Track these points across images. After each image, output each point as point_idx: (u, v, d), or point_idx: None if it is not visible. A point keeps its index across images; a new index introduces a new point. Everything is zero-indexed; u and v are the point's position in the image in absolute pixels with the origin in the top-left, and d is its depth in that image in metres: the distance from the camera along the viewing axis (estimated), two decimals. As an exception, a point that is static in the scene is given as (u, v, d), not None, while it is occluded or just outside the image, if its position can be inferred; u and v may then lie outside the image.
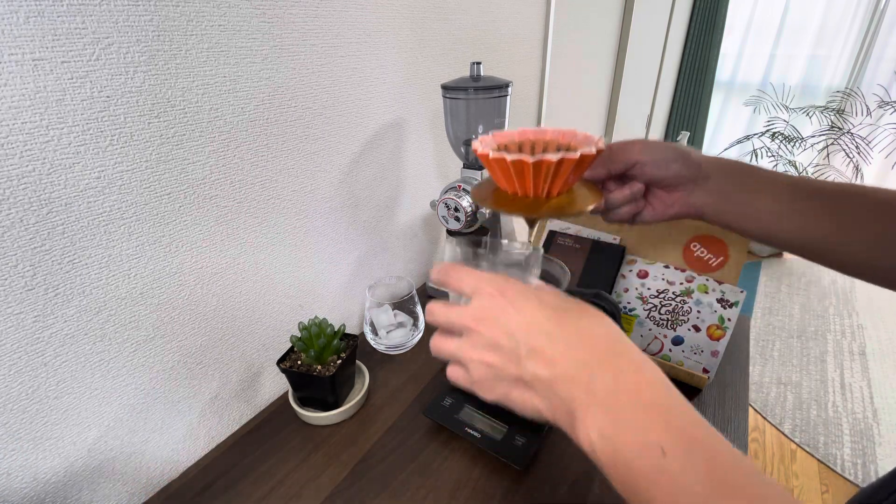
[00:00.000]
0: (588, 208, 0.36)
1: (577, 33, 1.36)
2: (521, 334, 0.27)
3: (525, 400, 0.28)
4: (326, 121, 0.62)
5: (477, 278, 0.30)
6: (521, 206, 0.35)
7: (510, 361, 0.28)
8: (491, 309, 0.29)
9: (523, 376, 0.27)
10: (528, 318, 0.28)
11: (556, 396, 0.27)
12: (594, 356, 0.26)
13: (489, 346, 0.28)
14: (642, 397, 0.25)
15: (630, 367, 0.27)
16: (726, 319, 0.61)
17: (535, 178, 0.33)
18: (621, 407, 0.25)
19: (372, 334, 0.69)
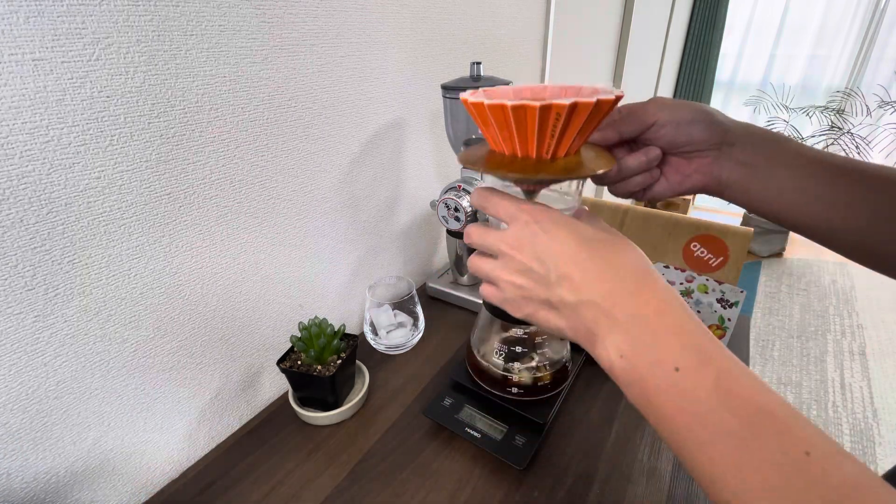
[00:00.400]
0: (600, 171, 0.31)
1: (577, 33, 1.36)
2: (552, 261, 0.28)
3: (549, 319, 0.30)
4: (326, 121, 0.62)
5: (515, 205, 0.30)
6: (521, 167, 0.30)
7: (540, 285, 0.29)
8: (525, 236, 0.29)
9: (551, 299, 0.29)
10: (561, 246, 0.28)
11: (579, 319, 0.28)
12: (620, 285, 0.27)
13: (521, 270, 0.30)
14: (662, 321, 0.26)
15: (653, 296, 0.27)
16: (726, 319, 0.61)
17: (541, 131, 0.28)
18: (640, 330, 0.26)
19: (372, 334, 0.69)
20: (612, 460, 0.54)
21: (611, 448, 0.56)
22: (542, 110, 0.26)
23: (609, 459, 0.54)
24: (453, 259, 0.83)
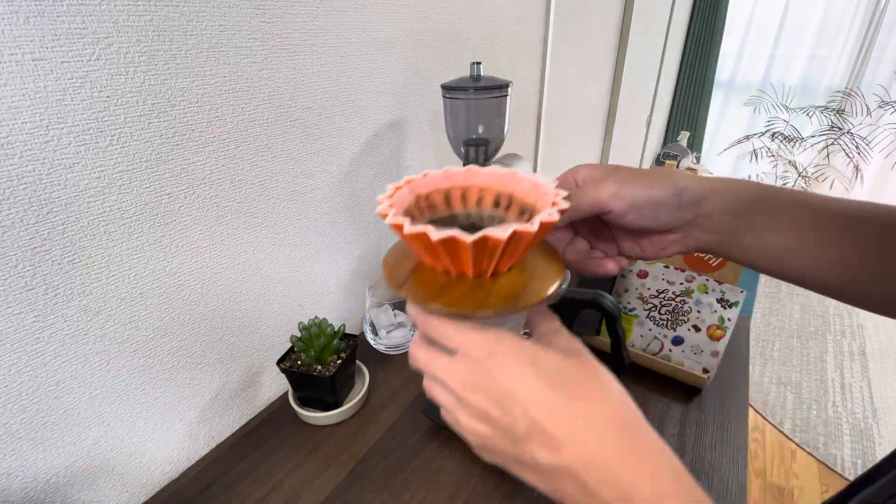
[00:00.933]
0: (548, 292, 0.27)
1: (577, 33, 1.36)
2: (516, 408, 0.23)
3: (524, 476, 0.25)
4: (326, 121, 0.62)
5: (461, 333, 0.25)
6: (457, 297, 0.26)
7: (505, 438, 0.24)
8: (479, 375, 0.24)
9: (522, 458, 0.24)
10: (523, 386, 0.23)
11: (560, 488, 0.23)
12: (602, 450, 0.23)
13: (480, 417, 0.25)
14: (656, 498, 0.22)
15: (645, 468, 0.23)
16: (726, 319, 0.61)
17: (476, 258, 0.26)
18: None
19: (372, 334, 0.69)
20: (612, 460, 0.54)
21: (611, 448, 0.56)
22: (476, 245, 0.24)
23: (609, 459, 0.54)
24: (453, 259, 0.83)
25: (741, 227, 0.33)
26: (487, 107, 0.69)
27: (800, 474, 1.45)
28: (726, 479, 0.52)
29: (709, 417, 0.60)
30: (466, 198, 0.36)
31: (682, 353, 0.64)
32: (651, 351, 0.66)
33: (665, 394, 0.63)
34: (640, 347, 0.67)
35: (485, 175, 0.33)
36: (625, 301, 0.68)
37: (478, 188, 0.36)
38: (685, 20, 2.96)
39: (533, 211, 0.31)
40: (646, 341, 0.66)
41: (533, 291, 0.26)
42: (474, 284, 0.27)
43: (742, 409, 0.61)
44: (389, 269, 0.31)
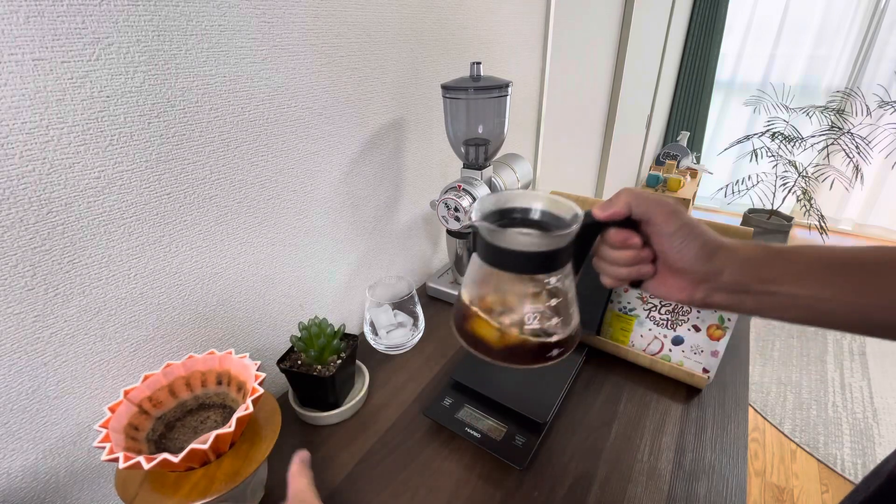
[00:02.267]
0: (265, 456, 0.41)
1: (577, 33, 1.36)
2: None
3: None
4: (326, 121, 0.62)
5: None
6: (186, 492, 0.36)
7: None
8: None
9: None
10: None
11: None
12: None
13: None
14: None
15: None
16: (726, 319, 0.61)
17: (191, 462, 0.36)
18: None
19: (372, 334, 0.69)
20: (612, 460, 0.54)
21: (611, 448, 0.56)
22: (187, 458, 0.35)
23: (609, 459, 0.54)
24: (453, 259, 0.83)
25: (752, 285, 0.34)
26: (487, 107, 0.69)
27: (800, 474, 1.45)
28: (726, 479, 0.52)
29: (709, 417, 0.60)
30: (190, 382, 0.47)
31: (682, 352, 0.64)
32: (651, 351, 0.66)
33: (665, 394, 0.63)
34: (640, 347, 0.67)
35: (201, 361, 0.44)
36: (625, 301, 0.68)
37: (200, 373, 0.46)
38: (685, 20, 2.96)
39: (245, 385, 0.46)
40: (646, 341, 0.66)
41: (252, 460, 0.38)
42: (203, 474, 0.37)
43: (742, 409, 0.61)
44: (122, 481, 0.40)
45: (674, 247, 0.35)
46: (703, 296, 0.36)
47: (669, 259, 0.36)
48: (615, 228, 0.36)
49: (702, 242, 0.34)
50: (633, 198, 0.35)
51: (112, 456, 0.33)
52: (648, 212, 0.34)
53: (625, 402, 0.62)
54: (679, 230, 0.34)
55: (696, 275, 0.35)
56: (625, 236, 0.36)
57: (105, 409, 0.41)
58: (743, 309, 0.36)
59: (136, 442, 0.42)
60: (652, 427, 0.58)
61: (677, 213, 0.34)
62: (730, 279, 0.34)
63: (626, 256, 0.37)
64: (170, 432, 0.46)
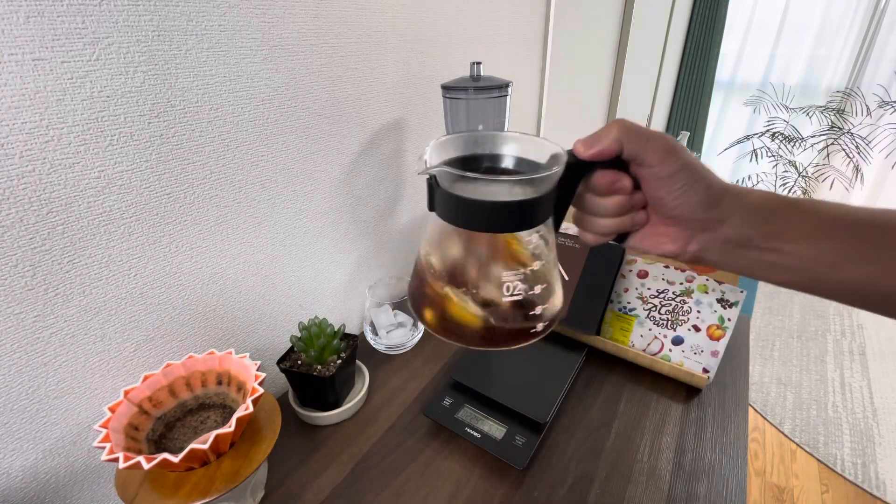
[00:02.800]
0: (265, 456, 0.40)
1: (577, 33, 1.36)
2: None
3: None
4: (326, 121, 0.62)
5: None
6: (187, 492, 0.36)
7: None
8: None
9: None
10: None
11: None
12: None
13: None
14: None
15: None
16: (726, 319, 0.61)
17: (191, 461, 0.35)
18: None
19: (372, 334, 0.69)
20: (612, 460, 0.54)
21: (611, 448, 0.56)
22: (187, 458, 0.34)
23: (609, 459, 0.54)
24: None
25: (756, 239, 0.30)
26: (487, 106, 0.69)
27: (800, 474, 1.45)
28: (726, 479, 0.52)
29: (709, 417, 0.60)
30: (190, 382, 0.46)
31: (682, 352, 0.64)
32: (651, 351, 0.66)
33: (665, 394, 0.63)
34: (640, 347, 0.67)
35: (201, 361, 0.43)
36: (625, 301, 0.68)
37: (200, 373, 0.46)
38: (685, 20, 2.95)
39: (245, 385, 0.45)
40: (646, 341, 0.66)
41: (252, 460, 0.37)
42: (203, 474, 0.36)
43: (742, 409, 0.61)
44: (120, 488, 0.40)
45: (672, 191, 0.30)
46: (698, 248, 0.31)
47: (665, 206, 0.31)
48: (602, 170, 0.30)
49: (706, 185, 0.29)
50: (624, 132, 0.29)
51: (112, 456, 0.33)
52: (642, 149, 0.29)
53: (625, 402, 0.62)
54: (680, 171, 0.29)
55: (694, 224, 0.31)
56: (612, 179, 0.30)
57: (105, 409, 0.41)
58: (734, 266, 0.31)
59: (136, 442, 0.42)
60: (652, 427, 0.58)
61: (676, 151, 0.29)
62: (732, 230, 0.30)
63: (615, 204, 0.31)
64: (170, 432, 0.46)
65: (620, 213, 0.32)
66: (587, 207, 0.33)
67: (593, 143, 0.29)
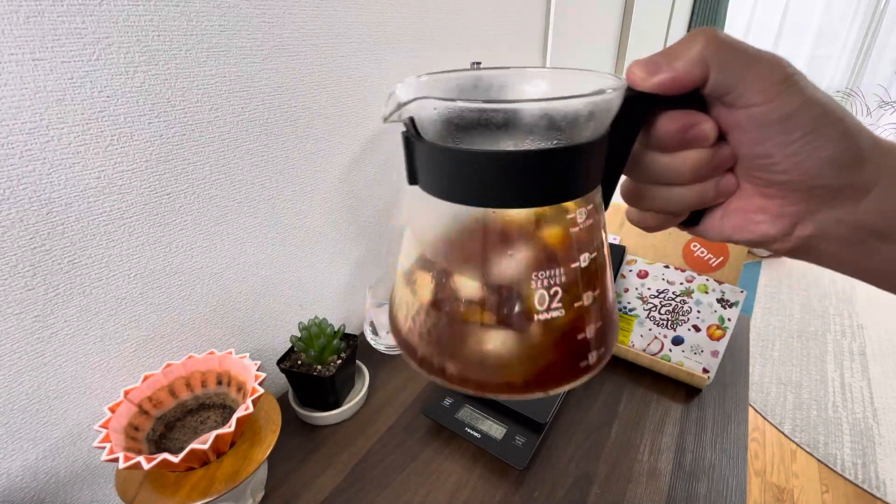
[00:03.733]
0: (265, 456, 0.39)
1: (577, 34, 1.36)
2: None
3: None
4: (326, 121, 0.62)
5: None
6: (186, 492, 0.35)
7: None
8: None
9: None
10: None
11: None
12: None
13: None
14: None
15: None
16: (726, 319, 0.61)
17: (190, 461, 0.34)
18: None
19: (372, 334, 0.69)
20: (612, 460, 0.54)
21: (611, 448, 0.56)
22: (187, 458, 0.34)
23: (609, 459, 0.54)
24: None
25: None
26: (487, 107, 0.69)
27: (800, 474, 1.45)
28: (726, 479, 0.52)
29: (709, 417, 0.60)
30: (190, 382, 0.45)
31: (682, 352, 0.64)
32: (651, 351, 0.66)
33: (665, 394, 0.63)
34: (640, 347, 0.67)
35: (202, 361, 0.41)
36: (625, 301, 0.68)
37: (200, 373, 0.44)
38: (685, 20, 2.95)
39: (245, 385, 0.44)
40: (646, 341, 0.66)
41: (252, 460, 0.35)
42: (203, 473, 0.35)
43: (742, 409, 0.61)
44: (120, 486, 0.39)
45: (789, 143, 0.19)
46: (812, 232, 0.20)
47: (773, 166, 0.19)
48: (670, 111, 0.20)
49: (842, 133, 0.18)
50: (713, 49, 0.18)
51: (112, 456, 0.33)
52: (739, 77, 0.18)
53: (625, 403, 0.62)
54: (801, 111, 0.18)
55: (816, 193, 0.20)
56: (687, 122, 0.20)
57: (105, 409, 0.41)
58: (856, 266, 0.21)
59: (136, 442, 0.42)
60: (652, 427, 0.58)
61: (794, 81, 0.18)
62: (878, 207, 0.19)
63: (692, 163, 0.20)
64: (170, 432, 0.46)
65: (699, 178, 0.21)
66: (647, 172, 0.22)
67: (661, 64, 0.19)
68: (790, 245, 0.21)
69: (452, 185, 0.18)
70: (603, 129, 0.19)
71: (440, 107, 0.17)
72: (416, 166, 0.20)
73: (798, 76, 0.18)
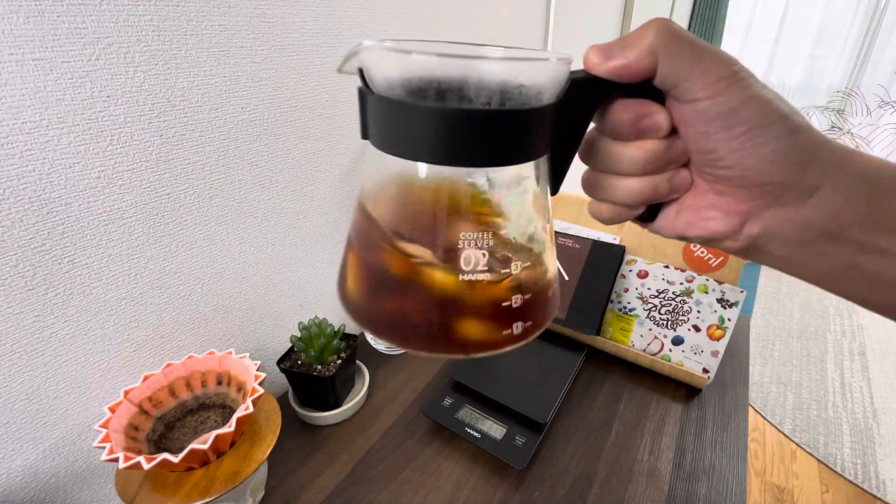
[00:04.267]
0: (265, 456, 0.39)
1: (576, 34, 1.36)
2: None
3: None
4: (326, 121, 0.62)
5: None
6: (187, 492, 0.36)
7: None
8: None
9: None
10: None
11: None
12: None
13: None
14: None
15: None
16: (726, 319, 0.61)
17: (190, 462, 0.34)
18: None
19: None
20: (612, 460, 0.54)
21: (611, 448, 0.56)
22: (187, 458, 0.34)
23: (609, 459, 0.54)
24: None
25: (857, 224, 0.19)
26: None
27: (800, 474, 1.45)
28: (726, 479, 0.52)
29: (709, 417, 0.60)
30: (190, 382, 0.45)
31: (682, 352, 0.64)
32: (651, 351, 0.66)
33: (665, 394, 0.63)
34: (640, 347, 0.67)
35: (201, 361, 0.41)
36: (625, 301, 0.68)
37: (200, 373, 0.44)
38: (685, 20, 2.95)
39: (245, 385, 0.44)
40: (646, 341, 0.66)
41: (252, 460, 0.35)
42: (204, 473, 0.35)
43: (742, 409, 0.61)
44: (120, 487, 0.39)
45: (732, 139, 0.19)
46: (760, 230, 0.21)
47: (719, 161, 0.20)
48: (624, 99, 0.20)
49: (788, 130, 0.18)
50: (663, 40, 0.18)
51: (112, 456, 0.33)
52: (685, 71, 0.18)
53: (625, 402, 0.62)
54: (744, 107, 0.18)
55: (763, 191, 0.20)
56: (640, 111, 0.20)
57: (105, 409, 0.41)
58: (808, 268, 0.21)
59: (136, 442, 0.42)
60: (652, 427, 0.58)
61: (739, 77, 0.18)
62: (823, 208, 0.19)
63: (645, 152, 0.21)
64: (170, 432, 0.46)
65: (653, 169, 0.21)
66: (602, 160, 0.22)
67: (614, 51, 0.19)
68: (740, 244, 0.22)
69: (394, 139, 0.19)
70: (546, 101, 0.19)
71: (387, 57, 0.17)
72: (367, 120, 0.20)
73: (744, 73, 0.19)
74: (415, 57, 0.16)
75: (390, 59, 0.17)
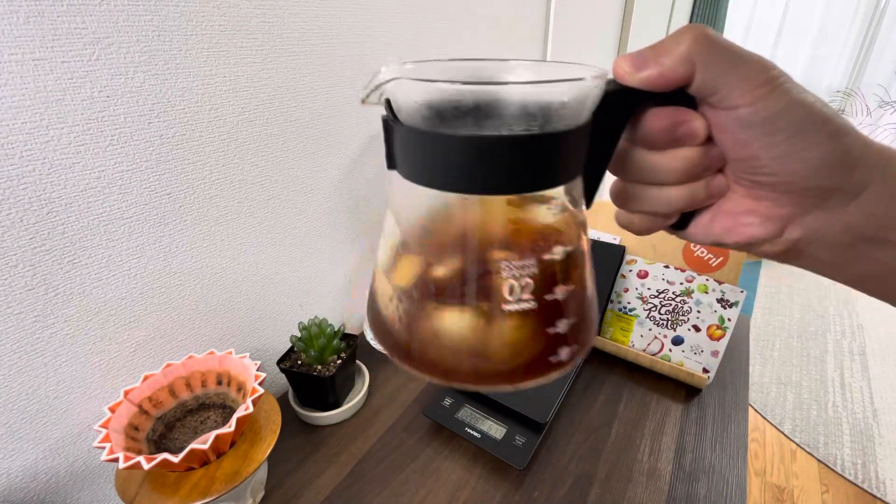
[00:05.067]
0: (265, 456, 0.38)
1: (576, 34, 1.36)
2: None
3: None
4: (326, 121, 0.62)
5: None
6: (187, 492, 0.35)
7: None
8: None
9: None
10: None
11: None
12: None
13: None
14: None
15: None
16: (726, 319, 0.61)
17: (190, 462, 0.34)
18: None
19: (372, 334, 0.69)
20: (612, 460, 0.54)
21: (611, 448, 0.56)
22: (187, 458, 0.33)
23: (609, 459, 0.54)
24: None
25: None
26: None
27: (800, 474, 1.45)
28: (726, 479, 0.52)
29: (709, 417, 0.60)
30: (190, 382, 0.45)
31: (682, 352, 0.64)
32: (651, 351, 0.66)
33: (665, 394, 0.63)
34: (640, 347, 0.67)
35: (201, 361, 0.41)
36: (625, 301, 0.68)
37: (200, 373, 0.44)
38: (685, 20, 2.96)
39: (245, 385, 0.44)
40: (646, 341, 0.66)
41: (252, 460, 0.35)
42: (203, 474, 0.35)
43: (742, 409, 0.61)
44: (119, 486, 0.39)
45: (773, 145, 0.18)
46: (802, 234, 0.20)
47: (759, 168, 0.19)
48: (658, 107, 0.20)
49: (830, 134, 0.18)
50: (700, 48, 0.18)
51: (112, 456, 0.33)
52: (723, 78, 0.18)
53: (625, 403, 0.62)
54: (785, 113, 0.18)
55: (805, 196, 0.19)
56: (675, 119, 0.20)
57: (105, 409, 0.41)
58: (847, 272, 0.21)
59: (136, 442, 0.42)
60: (652, 427, 0.58)
61: (778, 82, 0.18)
62: (868, 210, 0.19)
63: (682, 162, 0.20)
64: (170, 432, 0.46)
65: (690, 177, 0.21)
66: (636, 171, 0.21)
67: (647, 59, 0.19)
68: (779, 248, 0.21)
69: (423, 169, 0.18)
70: (582, 120, 0.18)
71: (415, 87, 0.17)
72: (394, 151, 0.20)
73: (783, 78, 0.18)
74: (450, 87, 0.16)
75: (421, 89, 0.17)
